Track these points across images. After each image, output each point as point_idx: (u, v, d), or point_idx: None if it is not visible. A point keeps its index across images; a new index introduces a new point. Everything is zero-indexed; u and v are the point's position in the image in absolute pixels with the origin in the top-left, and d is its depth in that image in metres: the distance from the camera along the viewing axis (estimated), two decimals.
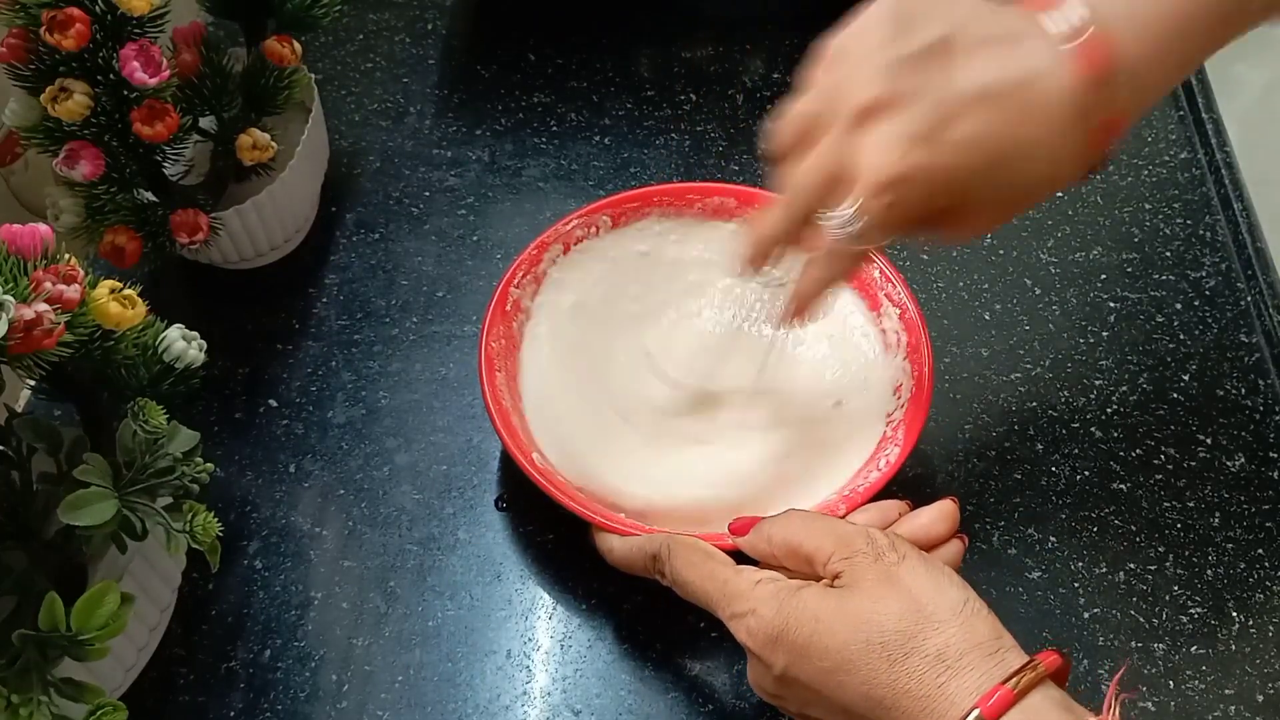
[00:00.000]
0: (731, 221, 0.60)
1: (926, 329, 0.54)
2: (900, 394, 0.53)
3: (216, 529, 0.43)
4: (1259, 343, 0.60)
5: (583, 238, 0.59)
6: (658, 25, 0.77)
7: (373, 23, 0.77)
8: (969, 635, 0.37)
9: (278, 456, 0.56)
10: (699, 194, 0.60)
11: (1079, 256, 0.64)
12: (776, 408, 0.55)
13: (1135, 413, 0.58)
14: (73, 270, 0.39)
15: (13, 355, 0.37)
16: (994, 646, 0.37)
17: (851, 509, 0.48)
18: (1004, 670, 0.36)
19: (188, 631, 0.51)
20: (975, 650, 0.37)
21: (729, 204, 0.60)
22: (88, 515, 0.40)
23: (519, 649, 0.50)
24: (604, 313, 0.59)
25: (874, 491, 0.49)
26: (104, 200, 0.53)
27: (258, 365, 0.60)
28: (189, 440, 0.45)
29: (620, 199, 0.59)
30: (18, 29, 0.48)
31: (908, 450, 0.50)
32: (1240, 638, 0.50)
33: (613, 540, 0.48)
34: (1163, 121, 0.71)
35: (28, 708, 0.38)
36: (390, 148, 0.70)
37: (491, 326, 0.54)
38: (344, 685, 0.49)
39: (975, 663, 0.36)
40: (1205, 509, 0.54)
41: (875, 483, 0.49)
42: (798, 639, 0.39)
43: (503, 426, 0.51)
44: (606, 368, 0.57)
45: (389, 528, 0.54)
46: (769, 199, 0.52)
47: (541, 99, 0.72)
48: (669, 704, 0.48)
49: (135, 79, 0.49)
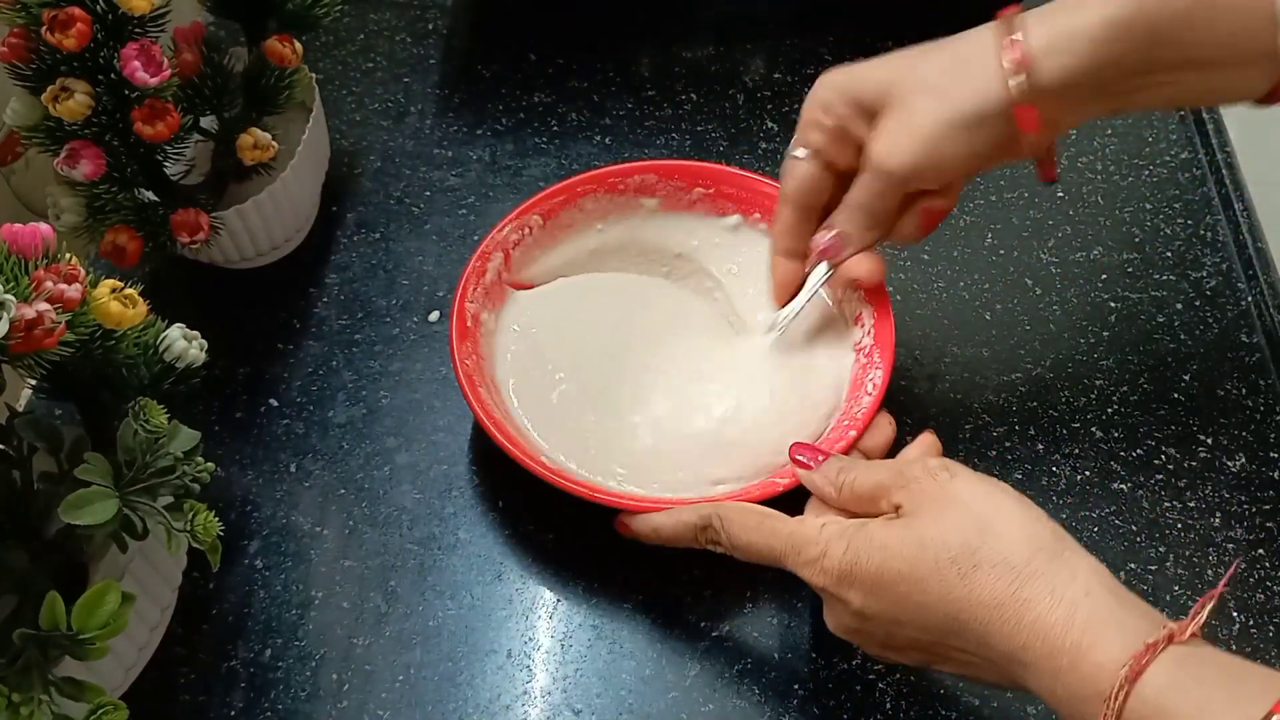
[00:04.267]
0: (655, 198, 0.61)
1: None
2: (862, 322, 0.56)
3: (217, 528, 0.43)
4: (1260, 343, 0.60)
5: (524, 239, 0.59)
6: (658, 25, 0.77)
7: (374, 22, 0.77)
8: (1032, 539, 0.38)
9: (278, 456, 0.56)
10: (621, 175, 0.61)
11: (1080, 256, 0.64)
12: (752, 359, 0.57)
13: (1136, 413, 0.58)
14: (74, 270, 0.40)
15: (14, 354, 0.37)
16: (1057, 549, 0.38)
17: (860, 433, 0.51)
18: (1071, 570, 0.37)
19: (188, 631, 0.51)
20: (1039, 554, 0.38)
21: (650, 180, 0.61)
22: (89, 514, 0.40)
23: (519, 648, 0.50)
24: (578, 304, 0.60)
25: (871, 414, 0.51)
26: (105, 200, 0.53)
27: (258, 365, 0.60)
28: (190, 440, 0.45)
29: (547, 194, 0.60)
30: (19, 28, 0.48)
31: (889, 369, 0.52)
32: (1240, 638, 0.50)
33: (655, 520, 0.49)
34: (1163, 121, 0.71)
35: (28, 707, 0.38)
36: (391, 147, 0.70)
37: (460, 342, 0.54)
38: (344, 685, 0.49)
39: (1044, 564, 0.37)
40: (1206, 509, 0.54)
41: (870, 406, 0.52)
42: (869, 570, 0.40)
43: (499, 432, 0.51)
44: (581, 345, 0.58)
45: (389, 527, 0.54)
46: (687, 167, 0.60)
47: (542, 99, 0.73)
48: (669, 704, 0.48)
49: (136, 78, 0.49)
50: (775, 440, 0.53)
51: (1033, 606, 0.37)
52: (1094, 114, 0.49)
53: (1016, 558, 0.38)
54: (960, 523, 0.39)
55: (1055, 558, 0.38)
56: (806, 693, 0.49)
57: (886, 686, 0.49)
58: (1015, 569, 0.37)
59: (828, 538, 0.42)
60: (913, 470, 0.42)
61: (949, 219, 0.66)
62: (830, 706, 0.48)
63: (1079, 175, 0.68)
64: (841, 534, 0.42)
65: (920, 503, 0.41)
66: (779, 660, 0.50)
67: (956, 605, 0.38)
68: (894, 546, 0.40)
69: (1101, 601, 0.36)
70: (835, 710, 0.48)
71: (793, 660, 0.49)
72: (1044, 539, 0.38)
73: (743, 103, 0.72)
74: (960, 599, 0.38)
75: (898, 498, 0.42)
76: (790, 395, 0.55)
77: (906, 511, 0.41)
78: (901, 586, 0.39)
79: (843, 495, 0.45)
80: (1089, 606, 0.36)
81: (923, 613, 0.39)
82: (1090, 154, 0.69)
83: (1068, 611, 0.36)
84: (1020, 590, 0.37)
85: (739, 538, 0.45)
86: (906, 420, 0.57)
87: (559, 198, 0.60)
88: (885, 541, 0.40)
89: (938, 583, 0.38)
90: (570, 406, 0.55)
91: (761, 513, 0.46)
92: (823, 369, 0.56)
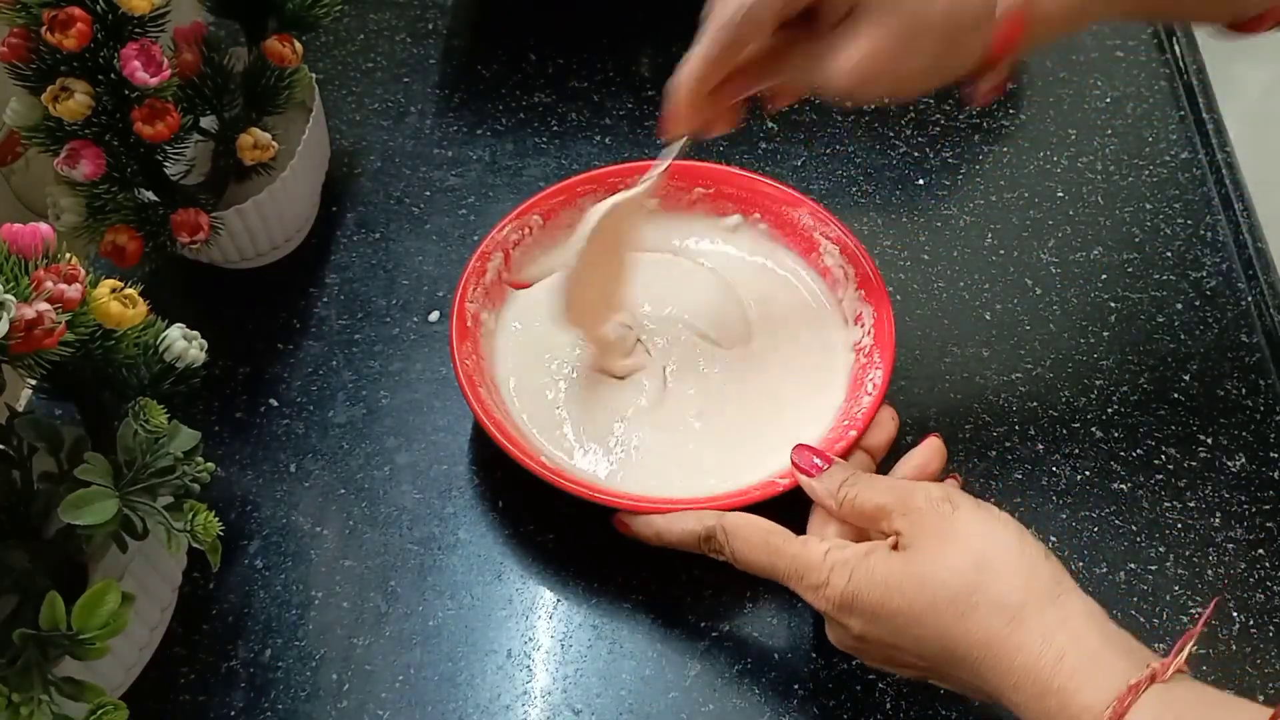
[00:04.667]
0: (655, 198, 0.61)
1: (870, 258, 0.56)
2: (862, 322, 0.56)
3: (217, 528, 0.43)
4: (1259, 343, 0.60)
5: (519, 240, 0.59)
6: (658, 25, 0.77)
7: (373, 23, 0.77)
8: (1029, 582, 0.39)
9: (278, 456, 0.56)
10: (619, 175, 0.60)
11: (1080, 256, 0.64)
12: (745, 362, 0.57)
13: (1136, 413, 0.58)
14: (74, 270, 0.39)
15: (14, 355, 0.37)
16: (1053, 592, 0.39)
17: (860, 432, 0.51)
18: (1063, 614, 0.38)
19: (188, 631, 0.51)
20: (1035, 598, 0.39)
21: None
22: (89, 514, 0.40)
23: (519, 648, 0.50)
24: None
25: (871, 414, 0.51)
26: (105, 200, 0.53)
27: (258, 365, 0.60)
28: (190, 440, 0.45)
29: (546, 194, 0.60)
30: (19, 28, 0.48)
31: (889, 369, 0.53)
32: (1240, 638, 0.50)
33: (658, 523, 0.49)
34: (1163, 122, 0.71)
35: (28, 706, 0.38)
36: (391, 147, 0.70)
37: (460, 344, 0.54)
38: (344, 685, 0.49)
39: (1037, 611, 0.38)
40: (1206, 509, 0.54)
41: (870, 406, 0.51)
42: (870, 602, 0.41)
43: (499, 432, 0.51)
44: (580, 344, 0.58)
45: (389, 527, 0.54)
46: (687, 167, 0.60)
47: (542, 99, 0.73)
48: (669, 704, 0.48)
49: (136, 78, 0.49)
50: (774, 439, 0.53)
51: (1024, 649, 0.38)
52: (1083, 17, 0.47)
53: (1012, 600, 0.39)
54: (960, 562, 0.40)
55: (1050, 601, 0.39)
56: (806, 693, 0.49)
57: (886, 686, 0.49)
58: (1009, 611, 0.39)
59: (831, 565, 0.43)
60: (915, 498, 0.43)
61: (949, 219, 0.67)
62: (830, 706, 0.48)
63: (1079, 175, 0.68)
64: (845, 564, 0.42)
65: (922, 536, 0.42)
66: (779, 660, 0.50)
67: (953, 641, 0.39)
68: (895, 581, 0.41)
69: (1090, 645, 0.38)
70: (835, 710, 0.48)
71: (793, 660, 0.49)
72: (1041, 580, 0.39)
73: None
74: (956, 637, 0.39)
75: (898, 524, 0.43)
76: (789, 395, 0.55)
77: (907, 543, 0.42)
78: (899, 620, 0.41)
79: (843, 509, 0.46)
80: (1077, 651, 0.37)
81: (920, 645, 0.41)
82: (1090, 154, 0.70)
83: (1057, 655, 0.37)
84: (1013, 634, 0.38)
85: (742, 553, 0.46)
86: (907, 420, 0.57)
87: (559, 197, 0.60)
88: (886, 576, 0.41)
89: (935, 620, 0.40)
90: (570, 406, 0.55)
91: (767, 529, 0.46)
92: (822, 368, 0.56)
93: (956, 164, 0.69)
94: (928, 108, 0.72)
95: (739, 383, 0.56)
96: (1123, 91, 0.73)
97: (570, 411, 0.55)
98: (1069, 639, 0.38)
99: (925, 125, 0.71)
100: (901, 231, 0.66)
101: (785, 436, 0.52)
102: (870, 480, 0.46)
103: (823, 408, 0.55)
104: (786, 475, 0.49)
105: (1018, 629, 0.38)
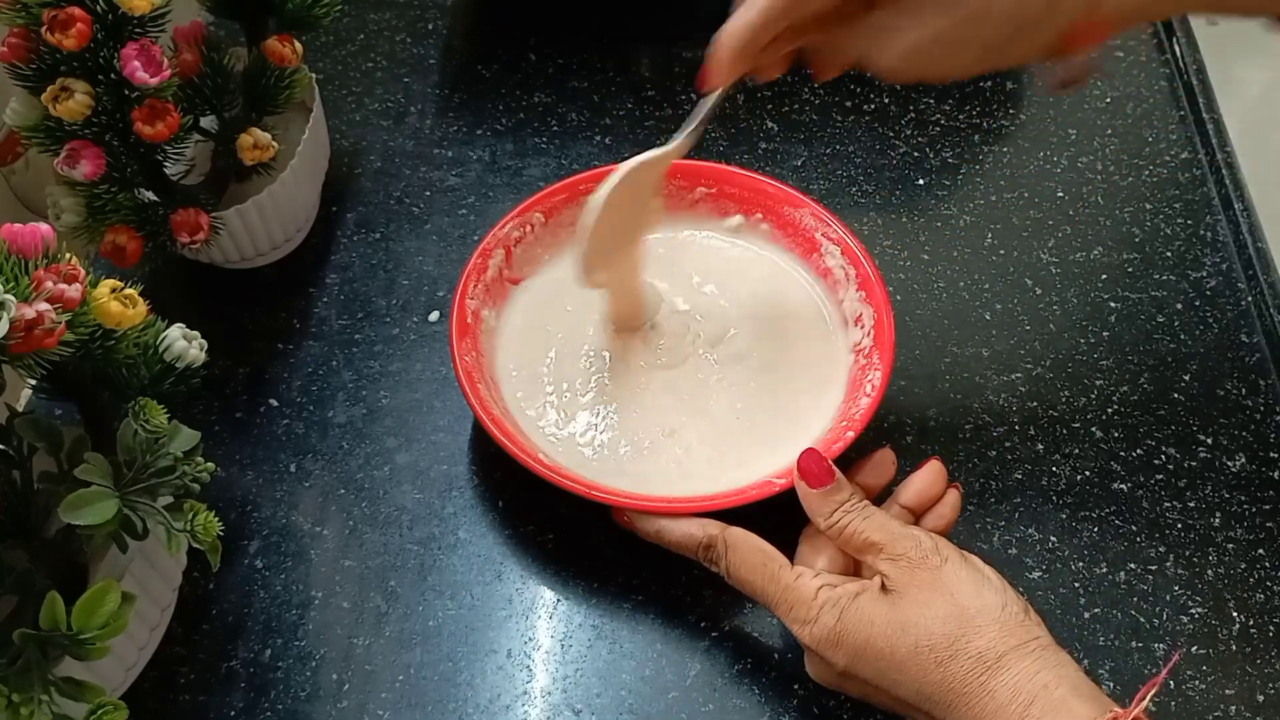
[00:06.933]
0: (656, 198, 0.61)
1: (871, 258, 0.56)
2: (862, 323, 0.56)
3: (217, 528, 0.43)
4: (1259, 343, 0.60)
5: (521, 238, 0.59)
6: (658, 25, 0.77)
7: (373, 22, 0.77)
8: (1007, 637, 0.41)
9: (278, 456, 0.56)
10: None
11: (1079, 256, 0.64)
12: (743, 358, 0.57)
13: (1136, 413, 0.58)
14: (74, 269, 0.39)
15: (14, 354, 0.37)
16: (1029, 647, 0.41)
17: (857, 434, 0.50)
18: (1036, 666, 0.41)
19: (188, 631, 0.51)
20: (1013, 652, 0.41)
21: None
22: (89, 514, 0.40)
23: (519, 648, 0.50)
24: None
25: (869, 417, 0.51)
26: (105, 199, 0.53)
27: (258, 365, 0.60)
28: (190, 440, 0.45)
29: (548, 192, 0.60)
30: (19, 28, 0.48)
31: (888, 370, 0.52)
32: (1240, 638, 0.50)
33: (661, 524, 0.49)
34: (1163, 122, 0.71)
35: (28, 707, 0.38)
36: (391, 147, 0.70)
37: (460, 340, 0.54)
38: (344, 685, 0.49)
39: (1013, 662, 0.41)
40: (1206, 509, 0.54)
41: (868, 407, 0.51)
42: (854, 642, 0.43)
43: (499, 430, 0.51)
44: (581, 343, 0.58)
45: (389, 527, 0.54)
46: (688, 166, 0.59)
47: (542, 99, 0.73)
48: (669, 704, 0.48)
49: (136, 78, 0.49)
50: (773, 440, 0.53)
51: (996, 696, 0.40)
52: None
53: (990, 653, 0.41)
54: (944, 613, 0.42)
55: (1026, 655, 0.41)
56: (806, 693, 0.49)
57: None
58: (986, 663, 0.41)
59: (822, 603, 0.44)
60: (905, 544, 0.44)
61: (949, 219, 0.67)
62: (830, 706, 0.48)
63: (1079, 175, 0.68)
64: (835, 603, 0.44)
65: (908, 585, 0.43)
66: (779, 660, 0.50)
67: (930, 686, 0.42)
68: (879, 625, 0.43)
69: (1058, 694, 0.40)
70: (835, 710, 0.48)
71: (793, 660, 0.49)
72: (1019, 636, 0.42)
73: (743, 103, 0.72)
74: (934, 682, 0.42)
75: (883, 567, 0.44)
76: (789, 395, 0.55)
77: (894, 588, 0.44)
78: (881, 663, 0.43)
79: (831, 533, 0.46)
80: (1045, 699, 0.40)
81: (897, 687, 0.43)
82: (1090, 154, 0.70)
83: (1025, 703, 0.40)
84: (988, 681, 0.41)
85: (737, 569, 0.47)
86: (907, 420, 0.57)
87: (561, 195, 0.60)
88: (873, 618, 0.43)
89: (915, 666, 0.42)
90: (570, 405, 0.55)
91: (766, 553, 0.46)
92: (822, 369, 0.56)
93: (956, 164, 0.69)
94: (928, 108, 0.72)
95: (738, 382, 0.56)
96: (1123, 91, 0.73)
97: (570, 410, 0.55)
98: (1039, 686, 0.40)
99: (925, 125, 0.71)
100: (901, 231, 0.66)
101: (783, 437, 0.52)
102: (866, 513, 0.46)
103: (822, 408, 0.54)
104: (784, 475, 0.49)
105: (992, 677, 0.41)
